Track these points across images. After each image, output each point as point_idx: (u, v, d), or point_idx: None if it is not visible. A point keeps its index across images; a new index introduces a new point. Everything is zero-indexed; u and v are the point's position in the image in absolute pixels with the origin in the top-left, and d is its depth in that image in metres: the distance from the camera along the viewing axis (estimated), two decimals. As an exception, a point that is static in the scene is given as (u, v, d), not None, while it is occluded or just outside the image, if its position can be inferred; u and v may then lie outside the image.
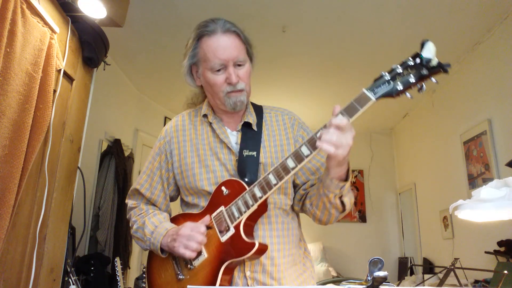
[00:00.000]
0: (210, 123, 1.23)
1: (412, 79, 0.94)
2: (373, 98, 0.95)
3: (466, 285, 2.62)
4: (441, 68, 0.91)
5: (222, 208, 1.10)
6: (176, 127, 1.30)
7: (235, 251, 1.06)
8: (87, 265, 2.70)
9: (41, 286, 1.48)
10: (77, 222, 2.35)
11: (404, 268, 4.58)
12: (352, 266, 4.98)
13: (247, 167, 1.13)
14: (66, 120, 1.65)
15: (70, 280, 1.84)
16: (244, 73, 1.16)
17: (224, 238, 1.08)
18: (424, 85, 0.94)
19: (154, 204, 1.27)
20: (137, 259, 4.04)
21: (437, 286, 2.08)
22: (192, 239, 1.06)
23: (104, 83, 3.27)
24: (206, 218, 1.11)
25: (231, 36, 1.15)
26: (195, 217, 1.15)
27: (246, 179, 1.10)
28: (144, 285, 2.28)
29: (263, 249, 1.07)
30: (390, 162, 5.33)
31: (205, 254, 1.10)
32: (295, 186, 1.22)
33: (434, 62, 0.91)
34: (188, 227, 1.09)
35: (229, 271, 1.09)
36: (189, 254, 1.06)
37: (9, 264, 1.31)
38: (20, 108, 1.25)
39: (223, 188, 1.12)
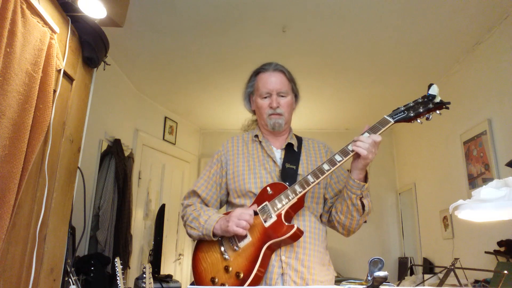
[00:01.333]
0: (260, 142, 1.54)
1: (421, 110, 1.29)
2: (392, 120, 1.30)
3: (466, 285, 2.62)
4: (442, 104, 1.30)
5: (266, 202, 1.34)
6: (232, 143, 1.58)
7: (276, 233, 1.28)
8: (87, 265, 2.70)
9: (41, 286, 1.48)
10: (77, 222, 2.35)
11: (404, 268, 4.58)
12: (352, 266, 4.98)
13: (288, 175, 1.41)
14: (66, 120, 1.65)
15: (70, 280, 1.84)
16: (284, 102, 1.50)
17: (267, 224, 1.31)
18: (430, 115, 1.31)
19: (206, 204, 1.52)
20: (137, 259, 4.05)
21: (437, 286, 2.08)
22: (242, 217, 1.28)
23: (104, 83, 3.28)
24: (254, 206, 1.35)
25: (278, 73, 1.53)
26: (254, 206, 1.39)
27: (287, 183, 1.35)
28: (144, 285, 2.28)
29: (299, 234, 1.29)
30: (390, 162, 5.33)
31: (249, 237, 1.32)
32: (325, 201, 1.49)
33: (438, 99, 1.30)
34: (238, 210, 1.32)
35: (269, 252, 1.30)
36: (240, 230, 1.26)
37: (9, 264, 1.31)
38: (20, 108, 1.25)
39: (268, 188, 1.37)
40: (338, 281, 3.16)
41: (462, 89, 3.43)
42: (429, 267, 3.90)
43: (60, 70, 1.55)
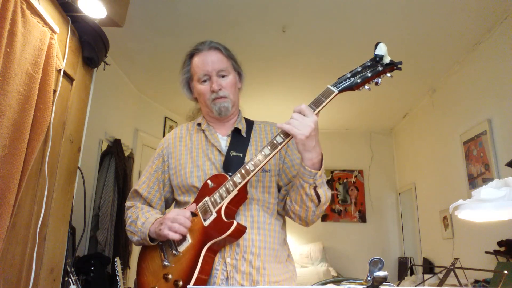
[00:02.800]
0: (203, 130, 1.38)
1: (368, 74, 1.11)
2: (335, 90, 1.15)
3: (466, 285, 2.62)
4: (393, 64, 1.09)
5: (206, 198, 1.21)
6: (174, 135, 1.43)
7: (216, 232, 1.14)
8: (87, 265, 2.70)
9: (41, 286, 1.48)
10: (77, 222, 2.35)
11: (404, 268, 4.58)
12: (352, 266, 4.98)
13: (232, 164, 1.25)
14: (66, 120, 1.65)
15: (70, 280, 1.84)
16: (227, 83, 1.32)
17: (207, 222, 1.17)
18: (380, 79, 1.11)
19: (150, 204, 1.38)
20: (137, 259, 4.04)
21: (437, 286, 2.08)
22: (176, 221, 1.16)
23: (104, 83, 3.28)
24: (192, 206, 1.23)
25: (214, 51, 1.34)
26: (192, 205, 1.26)
27: (229, 174, 1.21)
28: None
29: (241, 229, 1.16)
30: (390, 162, 5.33)
31: (189, 240, 1.19)
32: (280, 189, 1.33)
33: (387, 60, 1.10)
34: (174, 212, 1.20)
35: (211, 254, 1.17)
36: (172, 235, 1.14)
37: (9, 264, 1.31)
38: (20, 108, 1.25)
39: (208, 181, 1.24)
40: (338, 281, 3.16)
41: (462, 89, 3.43)
42: (429, 267, 3.90)
43: (60, 70, 1.55)
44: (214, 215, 1.17)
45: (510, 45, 2.75)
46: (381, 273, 0.58)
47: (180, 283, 1.14)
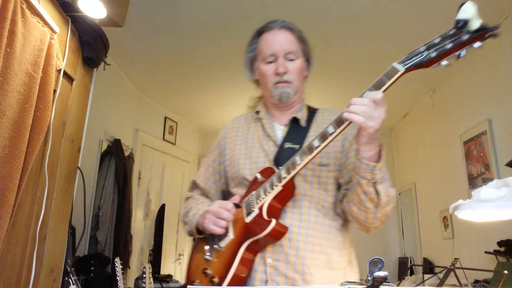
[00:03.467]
0: (260, 119, 1.28)
1: (448, 46, 0.87)
2: (401, 69, 0.91)
3: (466, 285, 2.62)
4: (485, 30, 0.84)
5: (253, 192, 1.13)
6: (232, 125, 1.36)
7: (256, 230, 1.05)
8: (87, 265, 2.70)
9: (41, 286, 1.48)
10: (77, 222, 2.35)
11: (404, 268, 4.57)
12: (352, 266, 4.97)
13: (284, 157, 1.11)
14: (66, 120, 1.64)
15: (70, 280, 1.84)
16: (294, 67, 1.20)
17: (248, 219, 1.08)
18: (463, 52, 0.87)
19: (207, 196, 1.34)
20: (137, 259, 4.04)
21: (437, 286, 2.08)
22: (218, 214, 1.11)
23: (104, 83, 3.27)
24: (236, 197, 1.17)
25: (285, 31, 1.22)
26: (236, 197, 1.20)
27: (280, 167, 1.09)
28: (144, 285, 2.28)
29: (280, 230, 1.05)
30: (390, 162, 5.32)
31: (231, 235, 1.11)
32: (340, 187, 1.19)
33: (475, 24, 0.84)
34: (216, 204, 1.15)
35: (250, 253, 1.08)
36: (213, 228, 1.10)
37: (9, 264, 1.31)
38: (20, 108, 1.25)
39: (257, 175, 1.15)
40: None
41: (462, 89, 3.43)
42: (429, 267, 3.90)
43: (60, 70, 1.55)
44: (256, 211, 1.07)
45: (510, 45, 2.75)
46: (381, 273, 0.58)
47: (216, 279, 1.07)
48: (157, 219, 3.98)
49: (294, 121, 1.24)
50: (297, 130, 1.22)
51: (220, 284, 1.04)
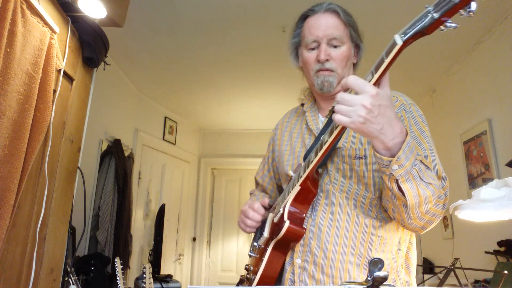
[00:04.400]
0: (305, 111, 1.22)
1: (454, 0, 0.68)
2: (399, 42, 0.76)
3: (466, 285, 2.62)
4: None
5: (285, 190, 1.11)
6: (282, 120, 1.34)
7: (278, 230, 1.01)
8: (87, 265, 2.70)
9: (41, 286, 1.48)
10: (77, 222, 2.35)
11: (404, 268, 4.57)
12: (352, 266, 4.97)
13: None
14: (66, 120, 1.65)
15: (70, 280, 1.84)
16: (337, 54, 1.10)
17: (275, 219, 1.06)
18: (473, 3, 0.68)
19: (266, 192, 1.34)
20: (137, 259, 4.05)
21: (437, 286, 2.08)
22: (246, 214, 1.11)
23: (104, 83, 3.28)
24: (266, 199, 1.16)
25: (330, 15, 1.13)
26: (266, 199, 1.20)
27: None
28: (144, 285, 2.28)
29: (296, 232, 0.99)
30: (390, 162, 5.32)
31: (265, 234, 1.10)
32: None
33: None
34: (246, 204, 1.15)
35: (279, 253, 1.04)
36: (242, 227, 1.12)
37: (9, 264, 1.31)
38: (20, 108, 1.25)
39: (290, 172, 1.12)
40: (338, 281, 3.15)
41: (462, 89, 3.43)
42: (429, 267, 3.90)
43: (60, 70, 1.55)
44: (281, 211, 1.03)
45: (510, 45, 2.75)
46: (381, 273, 0.58)
47: (251, 277, 1.05)
48: (157, 219, 3.98)
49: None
50: None
51: (252, 281, 1.02)
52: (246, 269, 1.13)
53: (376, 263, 0.58)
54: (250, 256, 1.15)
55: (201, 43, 3.28)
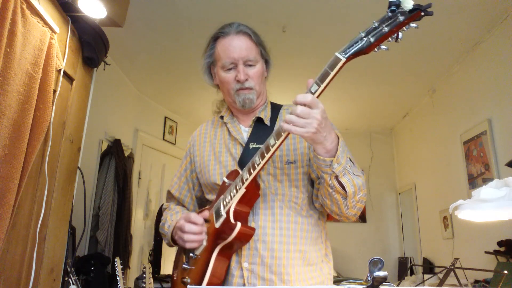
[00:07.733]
0: (225, 123, 1.29)
1: (385, 29, 0.87)
2: (342, 58, 0.93)
3: (466, 285, 2.62)
4: (418, 9, 0.82)
5: (221, 196, 1.13)
6: (199, 132, 1.37)
7: (225, 234, 1.05)
8: (87, 265, 2.70)
9: (41, 286, 1.48)
10: (77, 222, 2.35)
11: (404, 268, 4.57)
12: (352, 266, 4.98)
13: (250, 158, 1.08)
14: (66, 120, 1.65)
15: (70, 280, 1.84)
16: (254, 72, 1.20)
17: (217, 224, 1.09)
18: (400, 34, 0.87)
19: (183, 205, 1.35)
20: (137, 259, 4.04)
21: (437, 286, 2.08)
22: (186, 229, 1.10)
23: (104, 83, 3.28)
24: (205, 212, 1.15)
25: (243, 37, 1.21)
26: (205, 211, 1.19)
27: (243, 169, 1.09)
28: (144, 285, 2.28)
29: (247, 233, 1.05)
30: (390, 162, 5.32)
31: (204, 243, 1.12)
32: (314, 182, 1.19)
33: (409, 4, 0.83)
34: (182, 219, 1.14)
35: (224, 258, 1.09)
36: (189, 245, 1.10)
37: (9, 264, 1.31)
38: (20, 108, 1.25)
39: (225, 179, 1.16)
40: (338, 281, 3.15)
41: (462, 89, 3.43)
42: (429, 267, 3.90)
43: (60, 70, 1.55)
44: (224, 216, 1.07)
45: (510, 45, 2.75)
46: (381, 273, 0.58)
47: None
48: (157, 219, 3.98)
49: (258, 121, 1.24)
50: (261, 130, 1.21)
51: None
52: (183, 282, 1.13)
53: (376, 263, 0.58)
54: (185, 269, 1.15)
55: (201, 43, 3.27)
